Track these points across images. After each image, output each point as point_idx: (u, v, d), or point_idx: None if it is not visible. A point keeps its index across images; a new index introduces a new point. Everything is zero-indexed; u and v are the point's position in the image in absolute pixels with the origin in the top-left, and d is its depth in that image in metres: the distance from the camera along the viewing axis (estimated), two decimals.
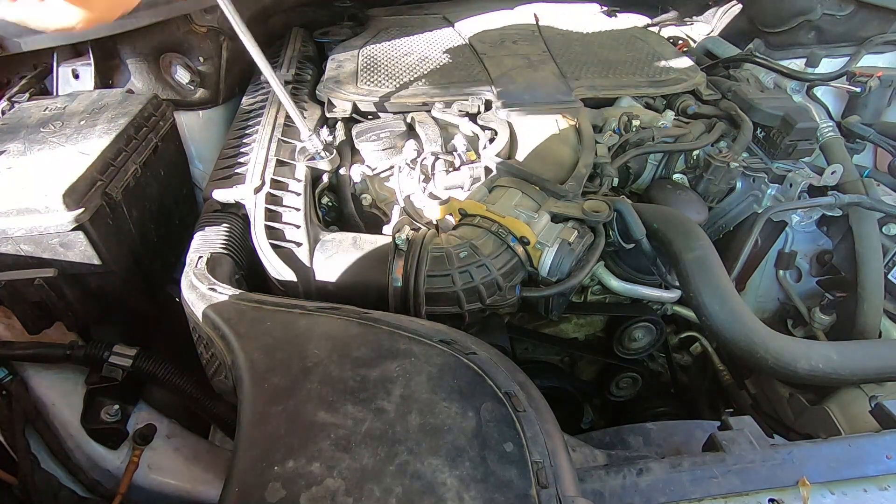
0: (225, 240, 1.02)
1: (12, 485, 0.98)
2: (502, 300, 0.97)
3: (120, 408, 1.08)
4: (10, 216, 0.95)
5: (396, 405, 0.67)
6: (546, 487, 0.59)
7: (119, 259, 1.08)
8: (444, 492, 0.58)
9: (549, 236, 0.98)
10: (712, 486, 0.71)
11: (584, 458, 0.82)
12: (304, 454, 0.62)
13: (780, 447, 0.76)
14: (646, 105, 1.37)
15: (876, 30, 1.65)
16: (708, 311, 0.91)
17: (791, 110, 1.27)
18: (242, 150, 1.22)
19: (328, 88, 1.35)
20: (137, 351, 1.06)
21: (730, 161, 1.19)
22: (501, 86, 1.34)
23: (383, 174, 1.27)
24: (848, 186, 1.24)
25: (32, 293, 0.99)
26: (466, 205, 1.03)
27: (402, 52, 1.50)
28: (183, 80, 1.50)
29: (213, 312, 0.83)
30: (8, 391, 1.01)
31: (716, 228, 1.34)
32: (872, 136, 1.42)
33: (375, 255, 0.97)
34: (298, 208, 1.06)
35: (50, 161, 1.05)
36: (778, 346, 0.88)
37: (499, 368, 0.72)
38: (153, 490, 1.08)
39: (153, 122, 1.25)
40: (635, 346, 1.27)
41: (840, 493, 0.72)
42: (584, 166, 1.11)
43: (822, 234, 1.31)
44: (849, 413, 0.98)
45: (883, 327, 1.13)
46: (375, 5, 1.85)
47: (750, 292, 1.39)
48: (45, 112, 1.21)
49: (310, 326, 0.78)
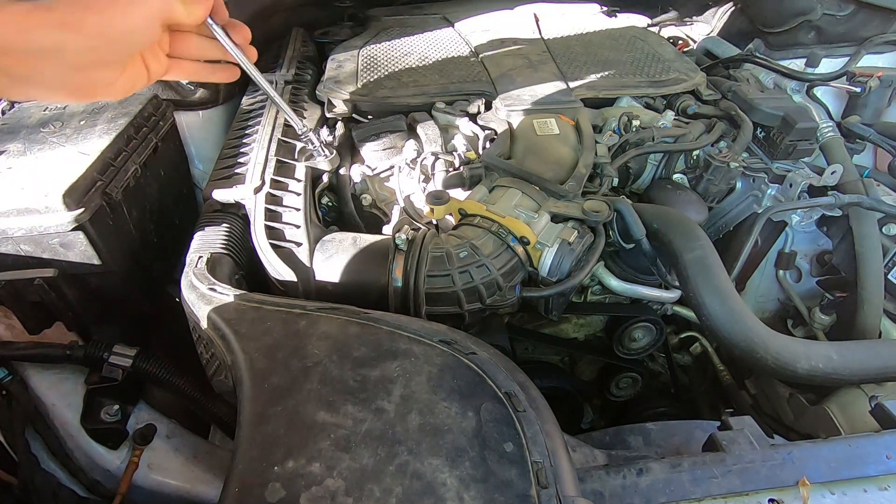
0: (225, 240, 1.02)
1: (12, 485, 0.98)
2: (502, 300, 0.97)
3: (120, 408, 1.08)
4: (10, 216, 0.95)
5: (396, 405, 0.67)
6: (546, 487, 0.59)
7: (119, 259, 1.08)
8: (444, 492, 0.58)
9: (549, 236, 0.98)
10: (712, 486, 0.71)
11: (584, 458, 0.82)
12: (304, 454, 0.62)
13: (780, 447, 0.76)
14: (646, 105, 1.37)
15: (876, 30, 1.65)
16: (708, 311, 0.91)
17: (791, 110, 1.27)
18: (242, 150, 1.22)
19: (328, 88, 1.35)
20: (137, 351, 1.06)
21: (730, 161, 1.19)
22: (501, 86, 1.34)
23: (383, 174, 1.27)
24: (848, 186, 1.24)
25: (32, 293, 0.99)
26: (466, 205, 1.03)
27: (402, 52, 1.50)
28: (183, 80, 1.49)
29: (213, 312, 0.83)
30: (8, 391, 1.01)
31: (716, 228, 1.34)
32: (872, 136, 1.42)
33: (375, 255, 0.97)
34: (298, 208, 1.06)
35: (50, 161, 1.05)
36: (778, 346, 0.88)
37: (499, 368, 0.72)
38: (153, 490, 1.08)
39: (153, 122, 1.25)
40: (635, 346, 1.27)
41: (840, 493, 0.72)
42: (584, 166, 1.11)
43: (822, 234, 1.31)
44: (849, 413, 0.98)
45: (883, 327, 1.13)
46: (375, 5, 1.84)
47: (750, 292, 1.39)
48: (45, 112, 1.21)
49: (310, 326, 0.78)
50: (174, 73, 0.72)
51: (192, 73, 0.75)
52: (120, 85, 0.64)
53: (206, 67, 0.76)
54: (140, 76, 0.66)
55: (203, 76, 0.77)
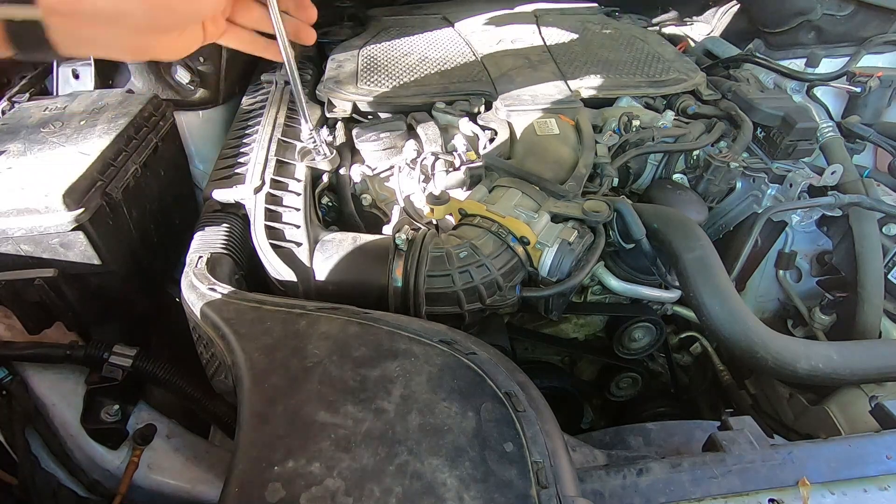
0: (225, 240, 1.02)
1: (12, 485, 0.98)
2: (502, 300, 0.97)
3: (120, 408, 1.07)
4: (10, 216, 0.95)
5: (396, 405, 0.67)
6: (546, 487, 0.59)
7: (119, 259, 1.08)
8: (444, 492, 0.58)
9: (549, 236, 0.98)
10: (712, 486, 0.71)
11: (584, 458, 0.82)
12: (304, 454, 0.62)
13: (780, 447, 0.76)
14: (646, 105, 1.36)
15: (876, 30, 1.65)
16: (708, 311, 0.91)
17: (791, 110, 1.27)
18: (242, 150, 1.22)
19: (328, 88, 1.35)
20: (137, 351, 1.06)
21: (730, 161, 1.19)
22: (501, 86, 1.34)
23: (383, 174, 1.27)
24: (848, 186, 1.23)
25: (32, 293, 0.99)
26: (466, 205, 1.03)
27: (402, 52, 1.50)
28: (183, 80, 1.49)
29: (213, 312, 0.83)
30: (8, 391, 1.01)
31: (716, 228, 1.34)
32: (872, 136, 1.42)
33: (375, 255, 0.97)
34: (298, 208, 1.06)
35: (50, 161, 1.05)
36: (778, 346, 0.88)
37: (499, 368, 0.72)
38: (153, 490, 1.08)
39: (153, 122, 1.25)
40: (635, 346, 1.27)
41: (840, 494, 0.72)
42: (584, 166, 1.11)
43: (822, 234, 1.30)
44: (849, 413, 0.98)
45: (883, 327, 1.13)
46: (375, 5, 1.84)
47: (750, 292, 1.39)
48: (45, 112, 1.21)
49: (310, 326, 0.78)
50: (229, 39, 0.71)
51: (246, 42, 0.73)
52: (178, 47, 0.64)
53: (261, 41, 0.75)
54: (196, 37, 0.66)
55: (256, 49, 0.75)
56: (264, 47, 0.76)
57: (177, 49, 0.64)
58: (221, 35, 0.69)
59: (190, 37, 0.65)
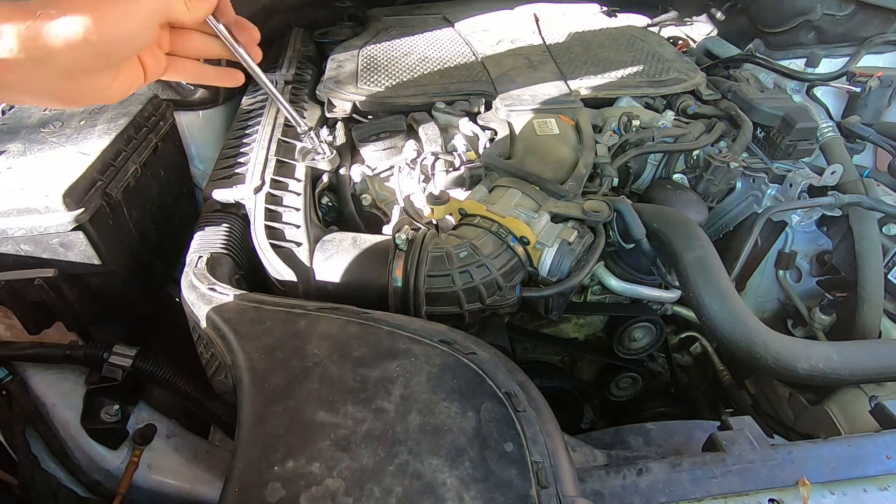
0: (225, 240, 1.03)
1: (12, 485, 0.98)
2: (502, 300, 0.97)
3: (120, 408, 1.08)
4: (10, 216, 0.95)
5: (396, 405, 0.67)
6: (546, 487, 0.59)
7: (119, 259, 1.08)
8: (444, 492, 0.58)
9: (549, 236, 0.98)
10: (712, 486, 0.71)
11: (584, 458, 0.82)
12: (303, 454, 0.62)
13: (780, 447, 0.76)
14: (646, 105, 1.36)
15: (876, 30, 1.65)
16: (708, 310, 0.91)
17: (791, 110, 1.27)
18: (242, 150, 1.22)
19: (328, 88, 1.34)
20: (137, 351, 1.06)
21: (730, 161, 1.19)
22: (501, 86, 1.34)
23: (383, 174, 1.27)
24: (848, 186, 1.23)
25: (32, 293, 0.99)
26: (466, 205, 1.03)
27: (402, 52, 1.50)
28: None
29: (213, 312, 0.83)
30: (8, 391, 1.01)
31: (716, 228, 1.34)
32: (872, 136, 1.42)
33: (375, 255, 0.97)
34: (298, 208, 1.06)
35: (50, 161, 1.05)
36: (778, 346, 0.88)
37: (499, 368, 0.72)
38: (153, 490, 1.08)
39: (153, 122, 1.25)
40: (635, 346, 1.27)
41: (840, 493, 0.72)
42: (584, 166, 1.11)
43: (822, 234, 1.30)
44: (849, 413, 0.98)
45: (883, 327, 1.13)
46: (375, 5, 1.84)
47: (750, 292, 1.39)
48: (45, 112, 1.21)
49: (310, 326, 0.78)
50: (173, 73, 0.66)
51: (192, 73, 0.69)
52: (115, 89, 0.59)
53: (209, 69, 0.70)
54: (136, 78, 0.60)
55: (204, 78, 0.71)
56: (214, 74, 0.71)
57: (114, 92, 0.58)
58: (164, 71, 0.64)
59: (128, 76, 0.59)
